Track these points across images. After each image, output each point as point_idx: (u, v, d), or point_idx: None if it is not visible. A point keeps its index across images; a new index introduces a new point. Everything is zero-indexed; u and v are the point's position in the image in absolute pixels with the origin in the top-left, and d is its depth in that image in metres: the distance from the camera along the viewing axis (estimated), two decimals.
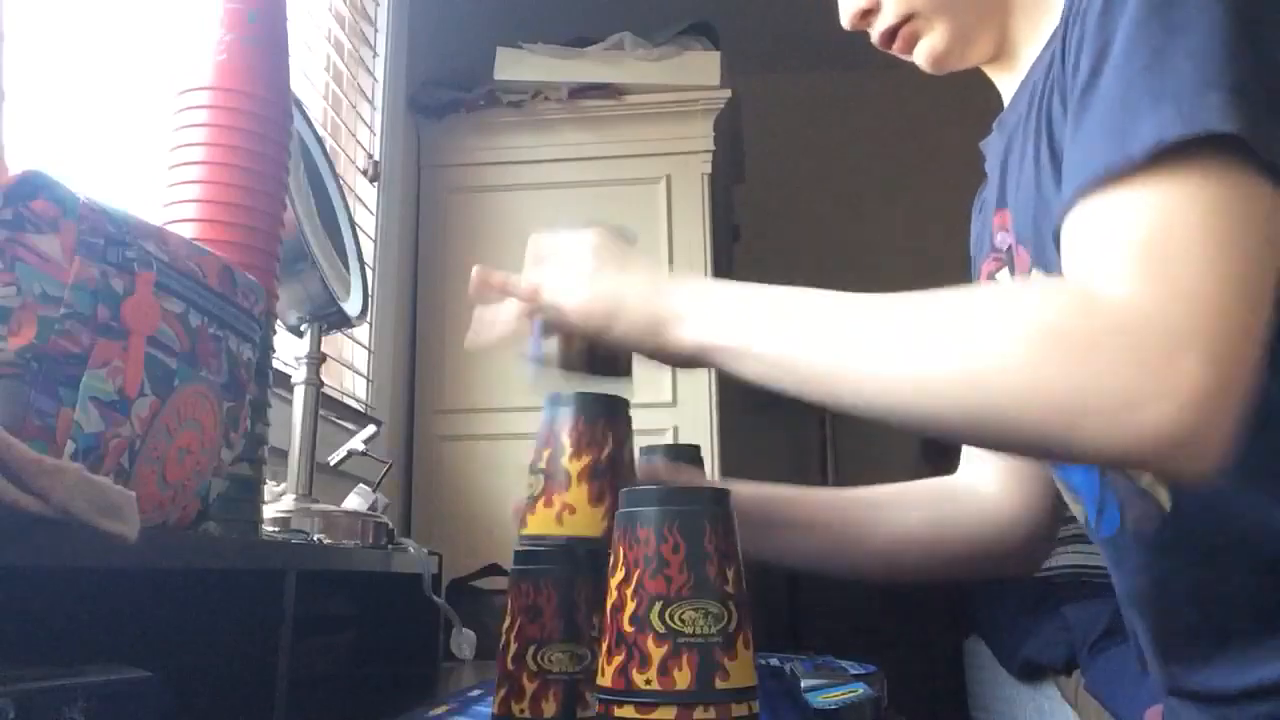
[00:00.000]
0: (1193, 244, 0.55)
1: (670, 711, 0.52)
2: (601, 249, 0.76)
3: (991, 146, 0.90)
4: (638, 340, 0.72)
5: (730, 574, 0.55)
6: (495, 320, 0.82)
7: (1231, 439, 0.54)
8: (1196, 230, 0.56)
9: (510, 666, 0.65)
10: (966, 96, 1.05)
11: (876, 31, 0.87)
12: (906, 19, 0.84)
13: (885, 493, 0.96)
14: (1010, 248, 0.81)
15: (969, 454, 0.98)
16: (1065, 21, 0.69)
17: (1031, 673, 2.46)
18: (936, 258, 3.39)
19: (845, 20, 0.88)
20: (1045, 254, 0.73)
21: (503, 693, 0.65)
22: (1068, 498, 0.88)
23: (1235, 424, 0.54)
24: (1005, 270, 0.83)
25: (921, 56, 0.86)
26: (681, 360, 0.71)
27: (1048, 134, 0.73)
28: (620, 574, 0.56)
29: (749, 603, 0.56)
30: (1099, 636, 2.13)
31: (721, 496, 0.58)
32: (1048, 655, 2.36)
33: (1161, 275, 0.55)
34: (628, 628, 0.54)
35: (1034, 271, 0.75)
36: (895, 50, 0.87)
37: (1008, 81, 0.88)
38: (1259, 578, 0.70)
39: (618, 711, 0.53)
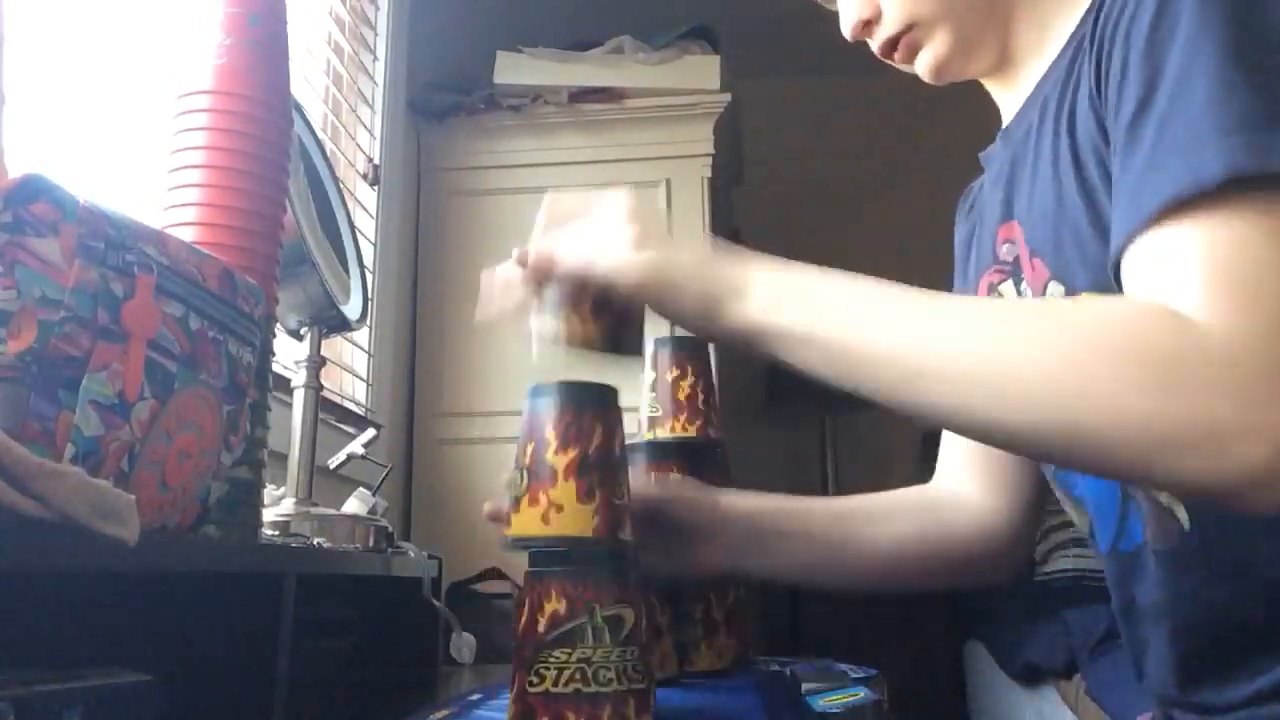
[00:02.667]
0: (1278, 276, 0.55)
1: None
2: (640, 214, 0.72)
3: (994, 158, 0.90)
4: (691, 316, 0.69)
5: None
6: (505, 288, 0.76)
7: None
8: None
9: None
10: (964, 101, 1.05)
11: (878, 41, 0.86)
12: (907, 29, 0.84)
13: (876, 504, 0.95)
14: (1017, 259, 0.81)
15: (948, 460, 0.98)
16: (1095, 40, 0.68)
17: (1031, 676, 2.46)
18: (935, 260, 3.40)
19: (846, 30, 0.88)
20: (1067, 266, 0.73)
21: None
22: (1068, 507, 0.88)
23: None
24: (1009, 282, 0.83)
25: (922, 67, 0.86)
26: (732, 340, 0.68)
27: (1070, 148, 0.72)
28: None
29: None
30: (1099, 640, 2.13)
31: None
32: (1048, 659, 2.35)
33: (1254, 308, 0.54)
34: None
35: (1053, 284, 0.75)
36: (896, 60, 0.87)
37: (1007, 94, 0.88)
38: (1273, 594, 0.70)
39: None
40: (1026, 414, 0.56)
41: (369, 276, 1.63)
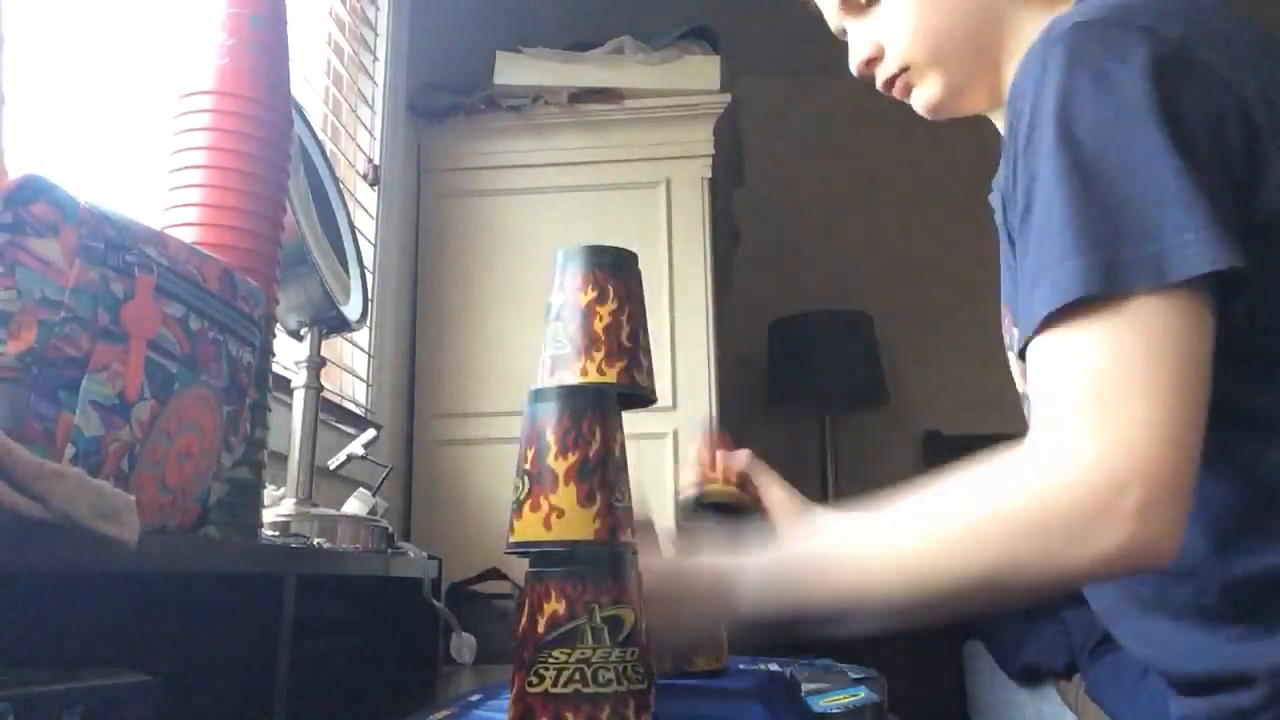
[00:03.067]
0: (1126, 386, 0.65)
1: None
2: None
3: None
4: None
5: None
6: None
7: (1181, 534, 0.64)
8: (1128, 372, 0.65)
9: None
10: None
11: (879, 79, 0.95)
12: (903, 70, 0.92)
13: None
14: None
15: None
16: (1009, 122, 0.76)
17: (1031, 676, 2.46)
18: (934, 261, 3.40)
19: (853, 67, 0.97)
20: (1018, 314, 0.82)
21: None
22: None
23: (1182, 525, 0.64)
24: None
25: (918, 104, 0.94)
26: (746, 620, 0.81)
27: (1004, 216, 0.80)
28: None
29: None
30: (1099, 640, 2.13)
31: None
32: (1047, 659, 2.35)
33: (1101, 423, 0.64)
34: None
35: (1015, 329, 0.82)
36: (895, 95, 0.95)
37: (1002, 123, 0.92)
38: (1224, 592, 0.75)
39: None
40: (944, 600, 0.73)
41: (369, 277, 1.63)
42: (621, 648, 0.65)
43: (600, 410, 0.68)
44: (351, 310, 1.23)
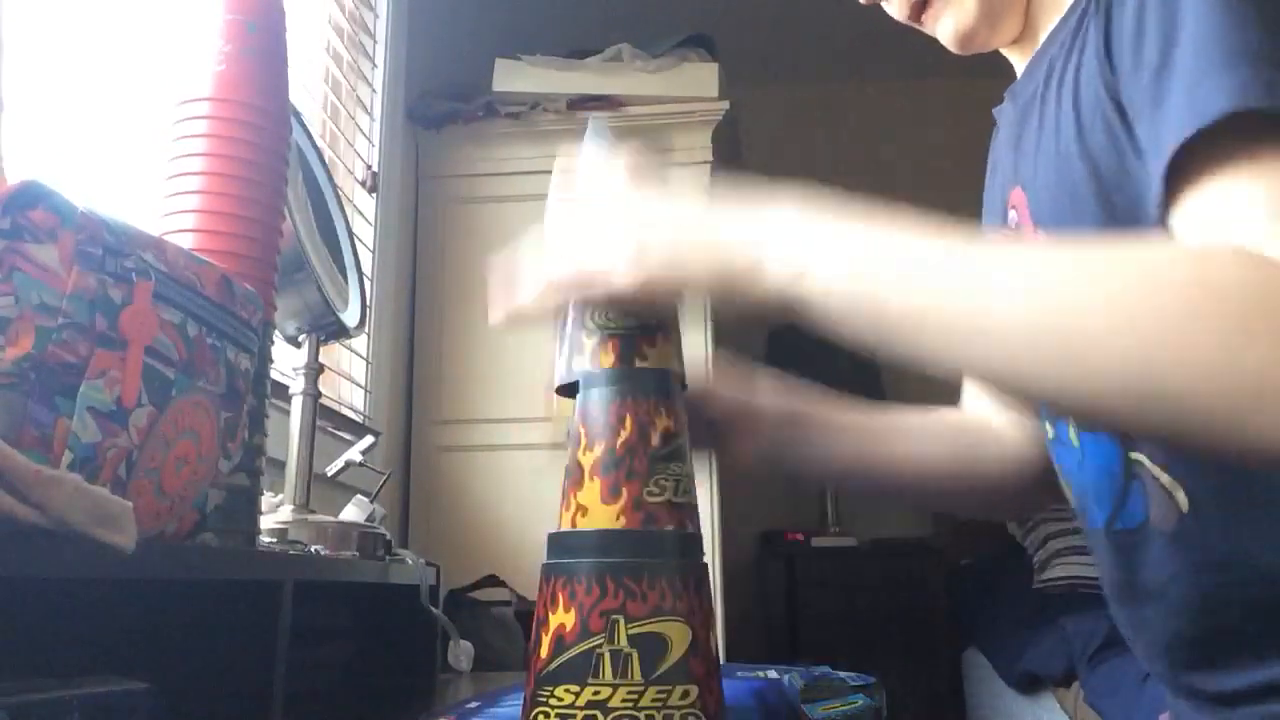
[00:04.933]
0: None
1: None
2: (630, 201, 0.65)
3: (1004, 116, 0.90)
4: (715, 295, 0.62)
5: None
6: (523, 288, 0.68)
7: None
8: None
9: None
10: (963, 107, 1.05)
11: (905, 2, 0.84)
12: None
13: (912, 420, 0.95)
14: (1020, 229, 0.80)
15: (973, 390, 0.98)
16: (1101, 6, 0.67)
17: (1030, 684, 2.46)
18: None
19: None
20: (1065, 236, 0.71)
21: None
22: (1061, 483, 0.88)
23: None
24: None
25: (947, 33, 0.84)
26: (766, 310, 0.61)
27: (1074, 117, 0.71)
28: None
29: None
30: (1098, 648, 2.13)
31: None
32: (1046, 667, 2.35)
33: None
34: None
35: None
36: (924, 22, 0.85)
37: (1022, 57, 0.88)
38: (1265, 587, 0.70)
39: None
40: (1100, 377, 0.51)
41: (367, 283, 1.63)
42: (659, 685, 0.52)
43: (633, 394, 0.60)
44: (350, 317, 1.23)
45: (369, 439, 1.43)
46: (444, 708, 0.86)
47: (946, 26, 0.84)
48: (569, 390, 0.63)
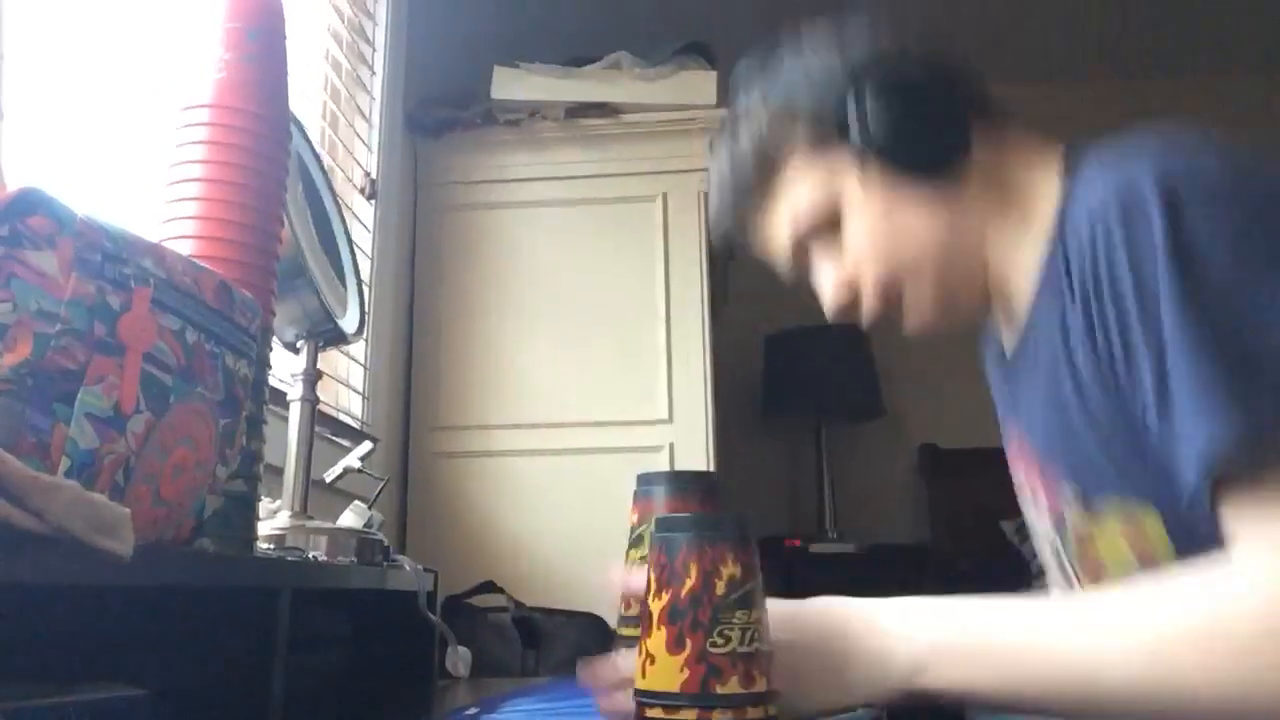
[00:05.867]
0: None
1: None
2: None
3: (995, 380, 0.96)
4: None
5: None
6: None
7: None
8: None
9: None
10: None
11: (867, 315, 0.90)
12: (889, 282, 0.87)
13: None
14: (1028, 470, 0.88)
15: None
16: (1076, 293, 0.73)
17: None
18: None
19: (830, 316, 0.93)
20: (1080, 475, 0.79)
21: None
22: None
23: None
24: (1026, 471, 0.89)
25: (913, 329, 0.89)
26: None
27: (1073, 386, 0.76)
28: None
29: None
30: None
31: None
32: None
33: None
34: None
35: (1066, 484, 0.80)
36: (892, 319, 0.90)
37: (1002, 322, 0.91)
38: None
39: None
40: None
41: (366, 290, 1.63)
42: None
43: (701, 541, 0.61)
44: (348, 323, 1.23)
45: (367, 445, 1.43)
46: (442, 714, 0.86)
47: (912, 324, 0.89)
48: None
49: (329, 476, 1.38)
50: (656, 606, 0.60)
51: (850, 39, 0.87)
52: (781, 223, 0.91)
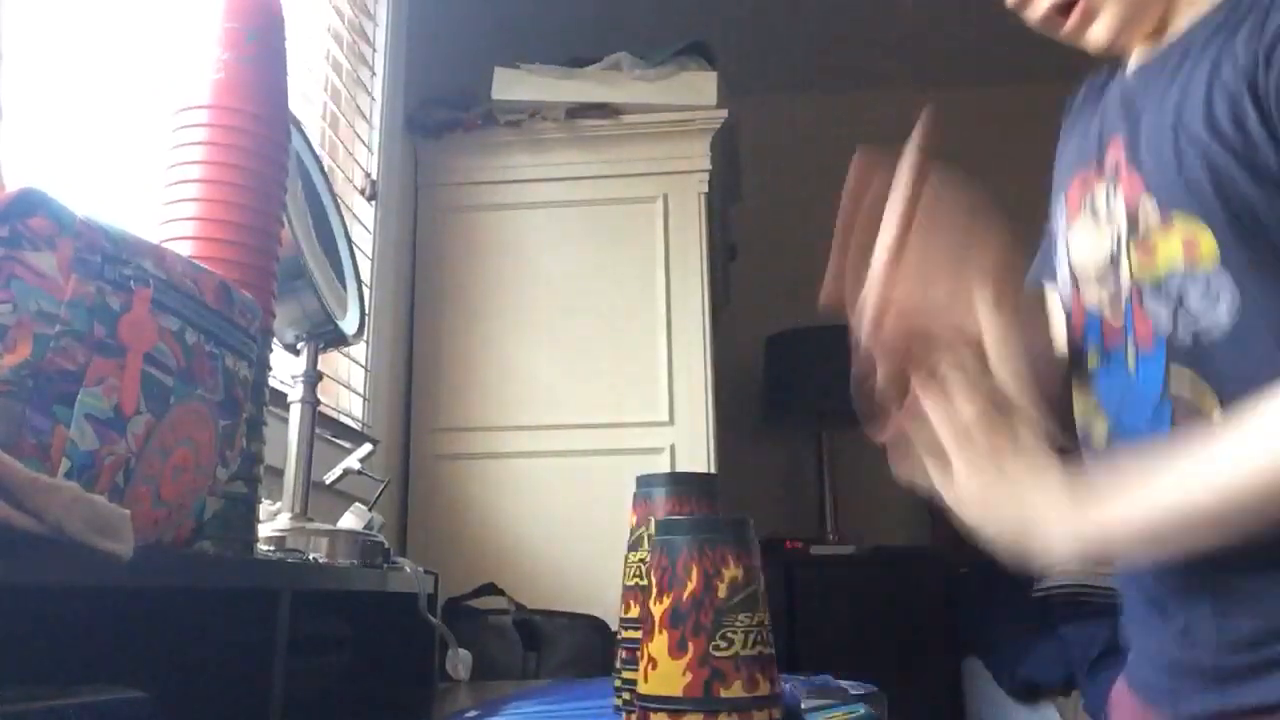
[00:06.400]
0: None
1: None
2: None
3: (1086, 108, 0.96)
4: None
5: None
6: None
7: None
8: None
9: None
10: (963, 117, 1.05)
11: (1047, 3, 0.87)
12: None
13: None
14: (1118, 165, 0.86)
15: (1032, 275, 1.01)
16: (1265, 34, 0.73)
17: (1029, 692, 2.45)
18: None
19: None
20: (1166, 187, 0.80)
21: None
22: (1083, 409, 0.90)
23: None
24: (1103, 185, 0.87)
25: (1098, 40, 0.86)
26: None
27: (1207, 86, 0.76)
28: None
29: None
30: (1097, 656, 2.13)
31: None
32: (1046, 675, 2.35)
33: None
34: None
35: (1145, 197, 0.81)
36: (1066, 28, 0.87)
37: (1144, 45, 0.90)
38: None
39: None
40: None
41: (366, 291, 1.63)
42: None
43: (701, 545, 0.61)
44: (348, 324, 1.23)
45: (367, 447, 1.43)
46: (443, 717, 0.86)
47: (1097, 33, 0.86)
48: None
49: (329, 478, 1.38)
50: (658, 610, 0.60)
51: None
52: None
